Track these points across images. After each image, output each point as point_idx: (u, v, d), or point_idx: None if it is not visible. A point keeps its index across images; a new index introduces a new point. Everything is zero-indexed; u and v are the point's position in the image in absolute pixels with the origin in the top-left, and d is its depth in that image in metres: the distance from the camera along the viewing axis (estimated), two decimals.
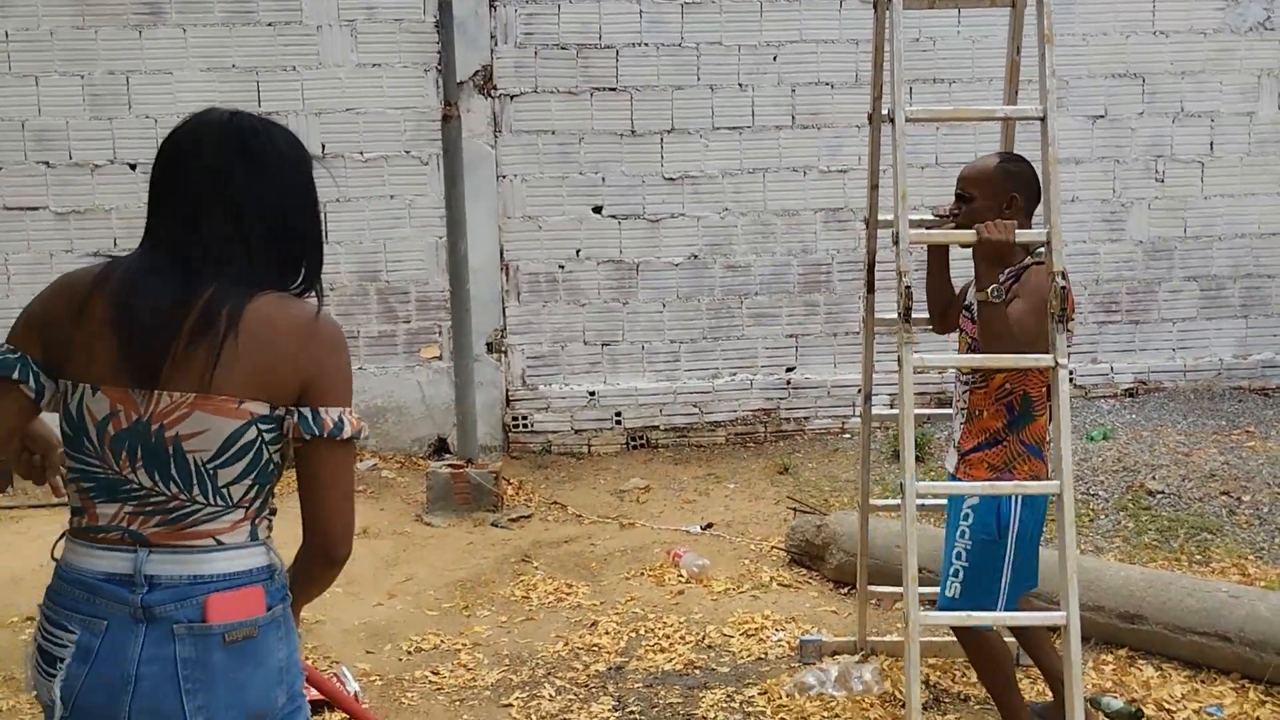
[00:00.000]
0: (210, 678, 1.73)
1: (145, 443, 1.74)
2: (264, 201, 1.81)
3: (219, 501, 1.77)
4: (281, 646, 1.82)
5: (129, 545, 1.76)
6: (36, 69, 7.15)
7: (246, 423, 1.74)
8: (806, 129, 7.53)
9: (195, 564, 1.76)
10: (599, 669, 4.35)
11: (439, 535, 6.05)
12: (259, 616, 1.78)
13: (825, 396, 7.74)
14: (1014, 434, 3.39)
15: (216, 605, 1.74)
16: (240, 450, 1.75)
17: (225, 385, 1.73)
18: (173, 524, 1.76)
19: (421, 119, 7.34)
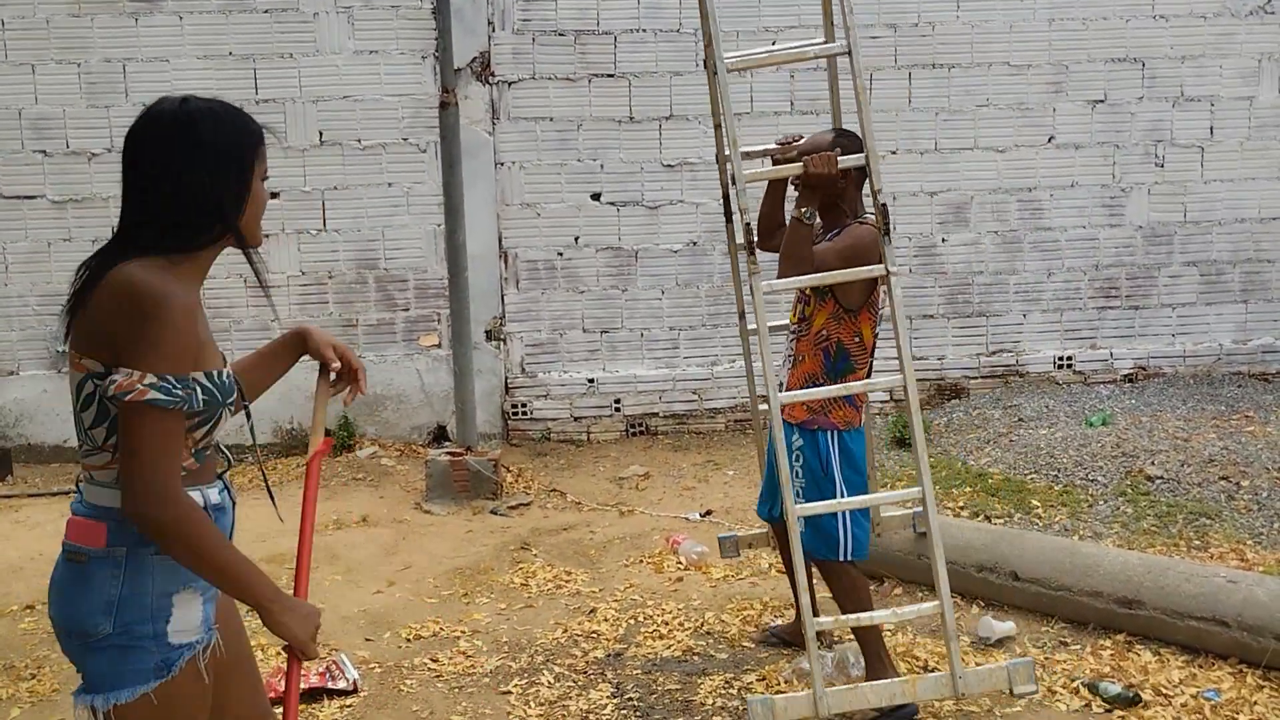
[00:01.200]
0: (56, 581, 2.03)
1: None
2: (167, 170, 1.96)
3: (88, 442, 2.00)
4: (114, 584, 1.96)
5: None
6: (33, 57, 7.13)
7: (84, 376, 1.95)
8: (806, 114, 7.50)
9: (86, 489, 2.02)
10: (597, 656, 4.35)
11: (438, 523, 6.05)
12: (92, 548, 1.97)
13: None
14: (831, 381, 3.71)
15: (69, 527, 2.02)
16: (85, 400, 1.96)
17: (75, 342, 1.96)
18: (83, 453, 2.04)
19: (419, 106, 7.32)
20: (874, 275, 3.53)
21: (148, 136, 1.99)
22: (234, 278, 7.30)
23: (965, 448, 6.73)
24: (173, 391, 1.88)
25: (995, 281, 7.83)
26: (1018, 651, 4.21)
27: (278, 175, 7.28)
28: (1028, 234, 7.81)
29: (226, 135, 2.03)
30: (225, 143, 2.02)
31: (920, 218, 7.71)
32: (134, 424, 1.88)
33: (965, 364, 7.85)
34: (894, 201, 7.65)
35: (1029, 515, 5.62)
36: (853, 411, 3.79)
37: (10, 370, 7.29)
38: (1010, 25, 7.58)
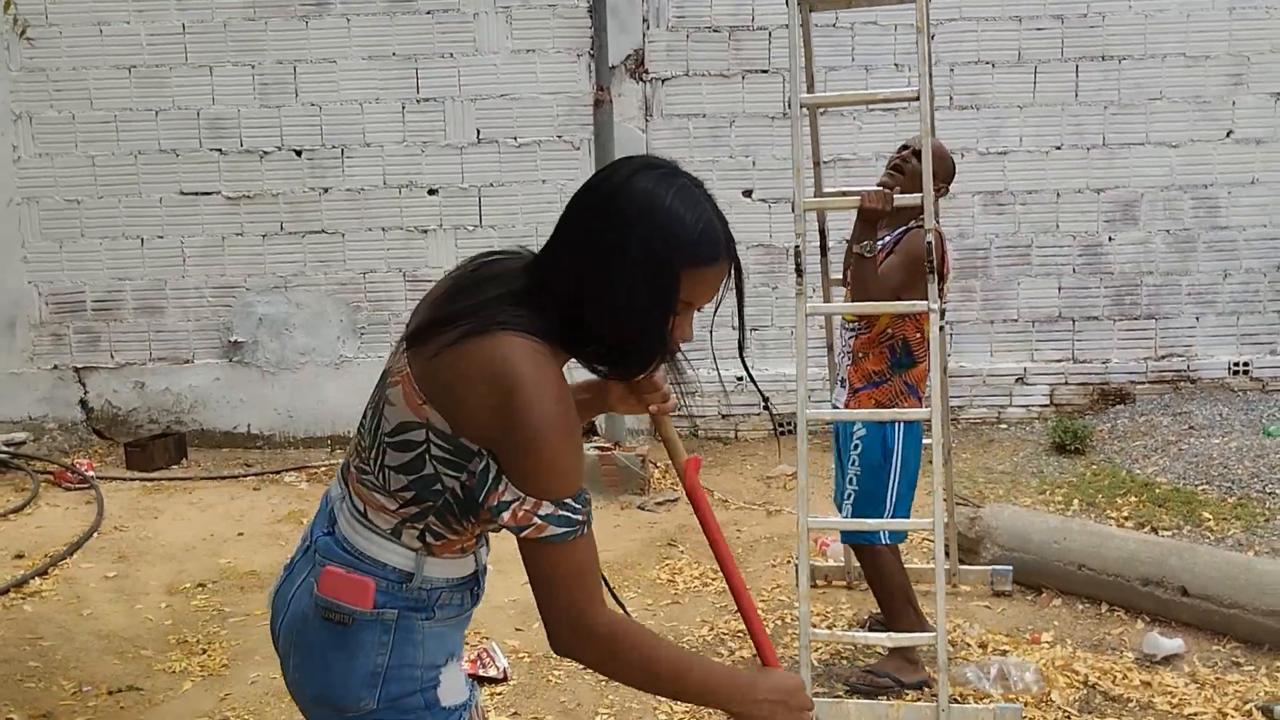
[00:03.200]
0: (306, 641, 1.74)
1: (380, 389, 1.74)
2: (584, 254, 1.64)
3: (380, 477, 1.70)
4: (382, 652, 1.71)
5: (342, 478, 1.80)
6: (210, 59, 7.46)
7: (419, 423, 1.63)
8: (965, 109, 7.32)
9: (349, 526, 1.73)
10: (745, 655, 4.32)
11: None
12: (359, 609, 1.69)
13: (981, 385, 7.53)
14: (897, 375, 3.92)
15: (326, 577, 1.71)
16: (405, 444, 1.65)
17: (421, 379, 1.63)
18: (357, 469, 1.75)
19: (574, 103, 7.40)
20: (916, 311, 3.71)
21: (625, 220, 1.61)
22: (394, 271, 7.52)
23: (1130, 455, 6.45)
24: (572, 520, 1.59)
25: (1166, 282, 7.49)
26: (1186, 671, 4.01)
27: (439, 171, 7.47)
28: (1202, 233, 7.45)
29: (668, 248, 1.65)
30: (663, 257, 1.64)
31: (1086, 215, 7.43)
32: (532, 559, 1.61)
33: (1132, 368, 7.53)
34: (1058, 199, 7.41)
35: (1199, 528, 5.36)
36: (916, 403, 3.98)
37: (186, 359, 7.66)
38: (1187, 15, 7.24)
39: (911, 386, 3.94)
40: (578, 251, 1.63)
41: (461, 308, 1.62)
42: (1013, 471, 6.58)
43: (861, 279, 3.74)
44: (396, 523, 1.71)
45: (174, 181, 7.56)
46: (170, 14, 7.42)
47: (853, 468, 3.97)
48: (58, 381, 7.73)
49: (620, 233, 1.61)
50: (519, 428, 1.55)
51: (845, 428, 4.05)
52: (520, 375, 1.55)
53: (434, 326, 1.63)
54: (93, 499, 6.36)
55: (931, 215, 3.53)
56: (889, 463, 3.92)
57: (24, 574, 5.12)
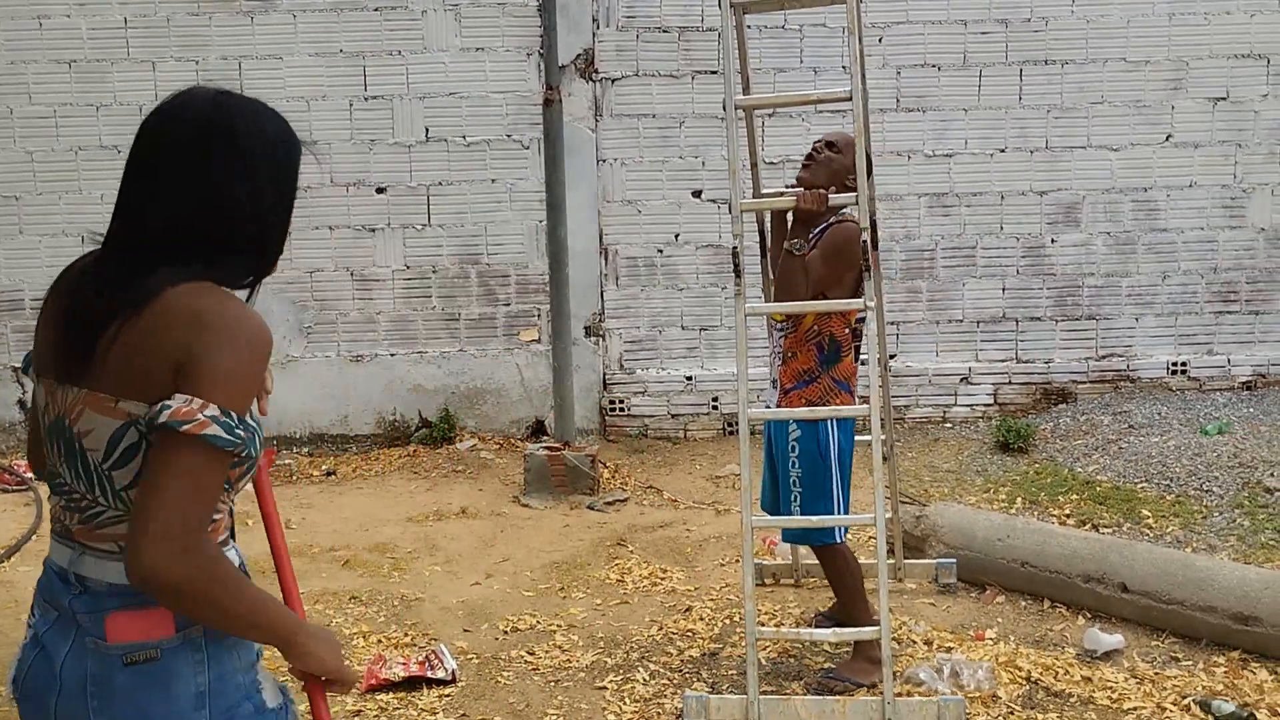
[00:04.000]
0: (112, 697, 1.63)
1: (63, 438, 1.66)
2: (224, 191, 1.65)
3: (119, 505, 1.64)
4: (200, 670, 1.66)
5: (68, 540, 1.70)
6: (153, 55, 7.35)
7: (124, 423, 1.59)
8: (912, 112, 7.39)
9: (109, 569, 1.65)
10: (693, 654, 4.33)
11: (536, 517, 6.09)
12: (163, 639, 1.63)
13: (926, 385, 7.61)
14: (826, 372, 3.97)
15: (115, 624, 1.63)
16: (126, 453, 1.60)
17: (105, 382, 1.59)
18: (86, 523, 1.67)
19: (523, 103, 7.38)
20: (853, 308, 3.79)
21: (184, 138, 1.65)
22: (341, 270, 7.45)
23: (1072, 454, 6.56)
24: (234, 431, 1.55)
25: (1107, 284, 7.62)
26: (1126, 666, 4.08)
27: (387, 170, 7.41)
28: (1142, 235, 7.58)
29: (289, 152, 1.73)
30: (285, 161, 1.72)
31: (1029, 217, 7.53)
32: (175, 458, 1.54)
33: (1073, 368, 7.65)
34: (1002, 201, 7.51)
35: (1139, 525, 5.46)
36: (850, 398, 4.04)
37: None
38: (1128, 20, 7.36)
39: (841, 383, 3.99)
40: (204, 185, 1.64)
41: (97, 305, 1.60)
42: (958, 470, 6.66)
43: (788, 276, 3.79)
44: None
45: (116, 178, 7.39)
46: (112, 8, 7.30)
47: (794, 470, 4.01)
48: None
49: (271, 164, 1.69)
50: (216, 338, 1.55)
51: (779, 430, 4.09)
52: (213, 302, 1.58)
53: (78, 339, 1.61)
54: (31, 501, 6.25)
55: (866, 213, 3.55)
56: (826, 460, 3.98)
57: None
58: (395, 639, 4.49)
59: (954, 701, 3.55)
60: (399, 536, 5.70)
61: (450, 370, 7.56)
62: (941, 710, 3.54)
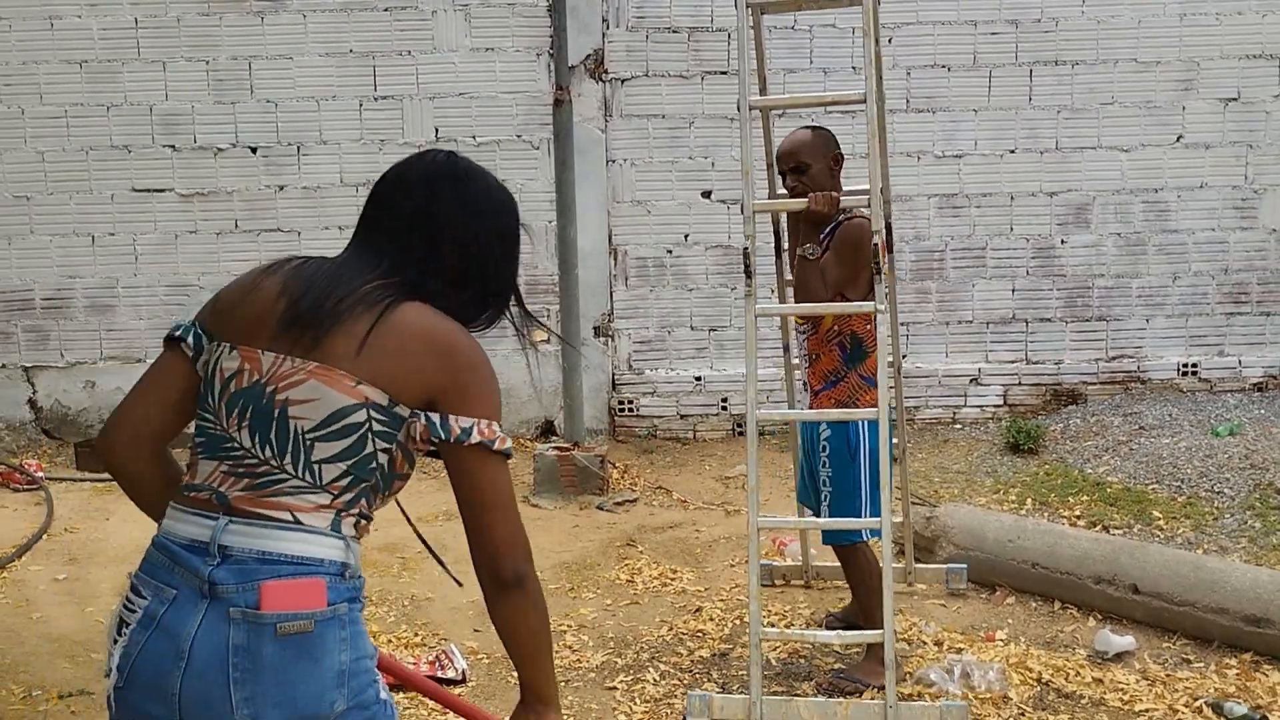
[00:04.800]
0: (259, 669, 1.66)
1: (257, 403, 1.75)
2: (465, 238, 1.90)
3: (307, 477, 1.74)
4: (344, 648, 1.72)
5: (212, 511, 1.73)
6: (164, 55, 7.37)
7: (359, 404, 1.73)
8: (922, 112, 7.38)
9: (267, 538, 1.71)
10: (703, 655, 4.33)
11: (545, 517, 6.09)
12: (316, 610, 1.69)
13: (936, 386, 7.60)
14: (852, 370, 3.94)
15: (272, 593, 1.67)
16: (344, 429, 1.73)
17: (348, 364, 1.74)
18: (258, 489, 1.74)
19: (533, 103, 7.38)
20: (864, 311, 3.76)
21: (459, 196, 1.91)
22: None
23: (1082, 455, 6.54)
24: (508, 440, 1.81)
25: (1117, 285, 7.60)
26: (1137, 668, 4.08)
27: None
28: (1152, 236, 7.56)
29: (514, 218, 2.01)
30: (513, 224, 2.01)
31: (1039, 218, 7.52)
32: (496, 473, 1.77)
33: (1083, 369, 7.63)
34: (1012, 202, 7.49)
35: (1150, 527, 5.45)
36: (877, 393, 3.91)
37: (138, 358, 7.55)
38: (1139, 21, 7.35)
39: (869, 379, 3.92)
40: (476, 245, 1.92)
41: (344, 294, 1.77)
42: (968, 471, 6.65)
43: (804, 281, 3.81)
44: (334, 515, 1.76)
45: (126, 178, 7.46)
46: (123, 8, 7.32)
47: (824, 470, 3.99)
48: (5, 381, 7.60)
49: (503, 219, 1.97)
50: (465, 369, 1.76)
51: (810, 430, 4.08)
52: (451, 330, 1.79)
53: (317, 319, 1.75)
54: (41, 500, 6.26)
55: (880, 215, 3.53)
56: (856, 460, 3.94)
57: None
58: (405, 639, 4.50)
59: (957, 706, 3.54)
60: (409, 536, 5.67)
61: None
62: (944, 714, 3.54)
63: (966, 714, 3.55)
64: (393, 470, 1.81)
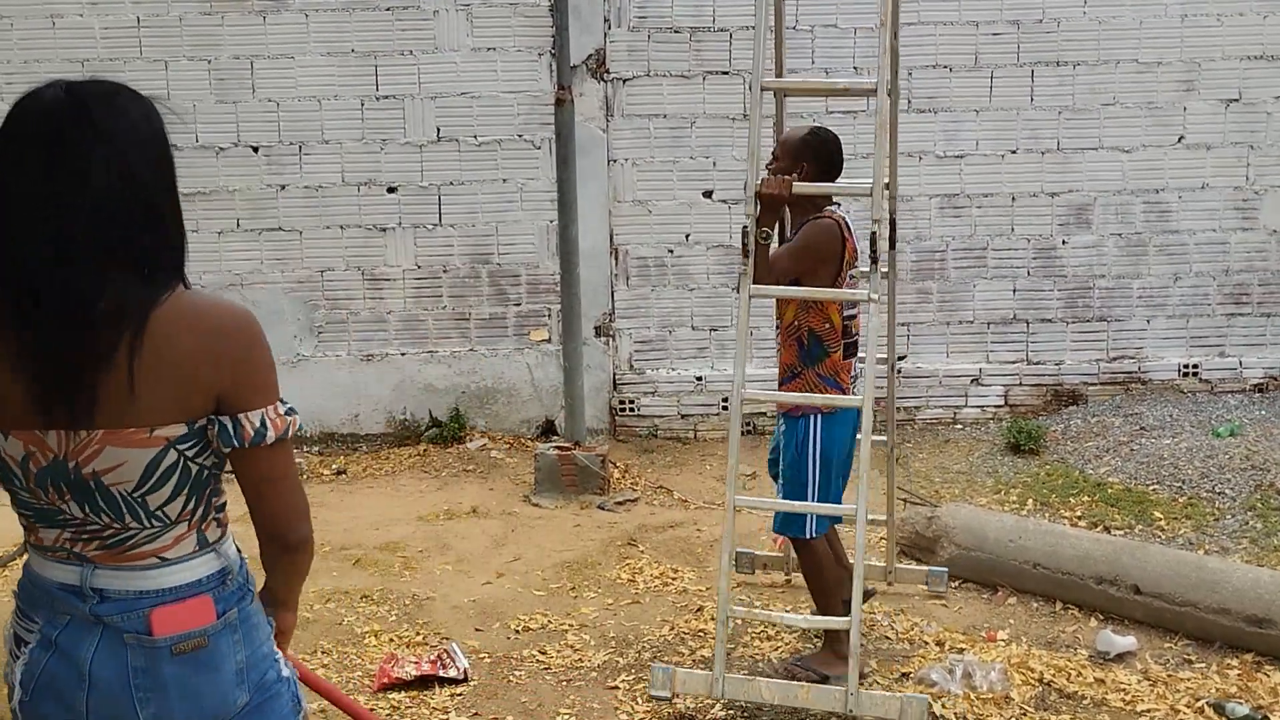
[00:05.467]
0: (162, 687, 1.70)
1: (67, 479, 1.66)
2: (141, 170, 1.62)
3: (154, 524, 1.70)
4: (239, 649, 1.77)
5: (75, 562, 1.72)
6: (166, 54, 7.36)
7: (162, 449, 1.65)
8: (924, 112, 7.38)
9: (141, 579, 1.71)
10: (705, 654, 4.33)
11: (546, 516, 6.10)
12: (208, 625, 1.73)
13: (937, 386, 7.60)
14: (809, 368, 3.95)
15: (161, 619, 1.70)
16: (163, 474, 1.67)
17: (132, 416, 1.61)
18: (112, 548, 1.71)
19: (534, 103, 7.38)
20: (857, 299, 3.82)
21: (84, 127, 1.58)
22: (352, 270, 7.47)
23: (1083, 456, 6.55)
24: (293, 409, 1.76)
25: (1118, 286, 7.60)
26: (1138, 668, 4.08)
27: (398, 169, 7.43)
28: (1153, 237, 7.57)
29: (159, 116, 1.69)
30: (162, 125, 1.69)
31: (1040, 219, 7.52)
32: (285, 456, 1.74)
33: (1084, 370, 7.63)
34: (1013, 202, 7.49)
35: (1151, 527, 5.45)
36: (836, 393, 3.98)
37: None
38: (1140, 21, 7.34)
39: (827, 379, 3.94)
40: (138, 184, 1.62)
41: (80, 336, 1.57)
42: (968, 471, 6.65)
43: (760, 263, 3.78)
44: (195, 534, 1.75)
45: None
46: (125, 7, 7.31)
47: (783, 461, 4.09)
48: None
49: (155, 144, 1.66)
50: (239, 358, 1.66)
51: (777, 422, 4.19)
52: (208, 317, 1.65)
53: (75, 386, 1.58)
54: None
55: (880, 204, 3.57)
56: (804, 457, 3.97)
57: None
58: (407, 638, 4.50)
59: (917, 699, 3.58)
60: (410, 535, 5.70)
61: (460, 370, 7.56)
62: (905, 706, 3.57)
63: (926, 708, 3.58)
64: (220, 457, 1.74)
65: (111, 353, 1.58)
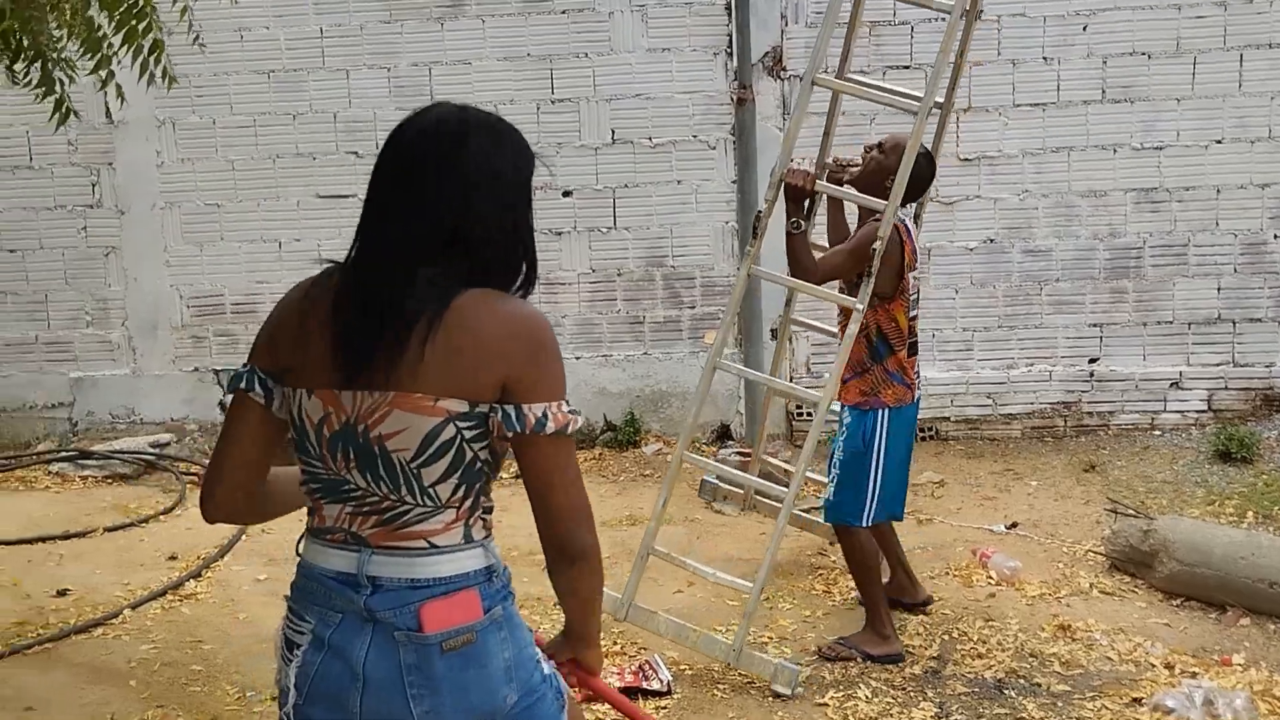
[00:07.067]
0: (434, 683, 1.74)
1: (355, 443, 1.75)
2: (482, 200, 1.77)
3: (427, 501, 1.76)
4: (506, 647, 1.80)
5: (353, 545, 1.79)
6: (347, 63, 7.50)
7: (443, 420, 1.72)
8: (1118, 103, 7.01)
9: (413, 567, 1.77)
10: (914, 672, 4.15)
11: (729, 523, 5.97)
12: (475, 621, 1.77)
13: (1133, 390, 7.20)
14: (877, 364, 4.17)
15: (431, 614, 1.75)
16: (440, 448, 1.73)
17: (422, 383, 1.71)
18: (387, 524, 1.77)
19: (709, 103, 7.27)
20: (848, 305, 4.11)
21: (441, 152, 1.77)
22: None
23: None
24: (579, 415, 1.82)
25: None
26: None
27: (572, 174, 7.41)
28: None
29: (527, 162, 1.85)
30: (527, 171, 1.85)
31: (1248, 212, 7.05)
32: (567, 456, 1.78)
33: None
34: (1218, 195, 7.05)
35: None
36: (904, 390, 4.20)
37: None
38: None
39: (894, 375, 4.16)
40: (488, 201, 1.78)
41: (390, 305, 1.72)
42: (1174, 481, 6.27)
43: (792, 254, 4.11)
44: (463, 526, 1.79)
45: (310, 185, 7.62)
46: (309, 18, 7.47)
47: (838, 452, 4.23)
48: (198, 384, 7.84)
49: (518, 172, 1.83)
50: (532, 353, 1.73)
51: (839, 415, 4.32)
52: (510, 313, 1.74)
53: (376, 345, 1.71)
54: None
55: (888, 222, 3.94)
56: (869, 451, 4.16)
57: (180, 576, 5.16)
58: (605, 648, 4.41)
59: (789, 667, 3.92)
60: (619, 540, 5.62)
61: (635, 373, 7.50)
62: (778, 671, 3.91)
63: (796, 677, 3.90)
64: (496, 457, 1.81)
65: (410, 326, 1.70)
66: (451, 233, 1.75)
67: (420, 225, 1.75)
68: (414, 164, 1.76)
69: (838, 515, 4.30)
